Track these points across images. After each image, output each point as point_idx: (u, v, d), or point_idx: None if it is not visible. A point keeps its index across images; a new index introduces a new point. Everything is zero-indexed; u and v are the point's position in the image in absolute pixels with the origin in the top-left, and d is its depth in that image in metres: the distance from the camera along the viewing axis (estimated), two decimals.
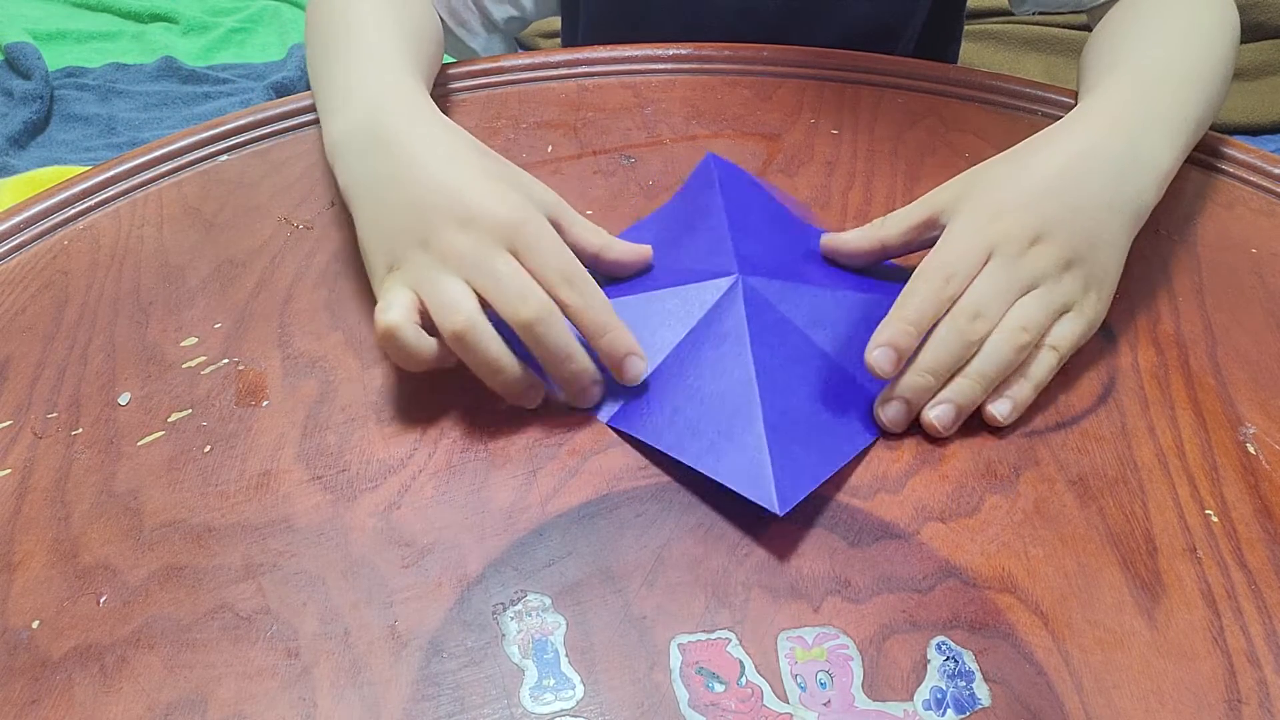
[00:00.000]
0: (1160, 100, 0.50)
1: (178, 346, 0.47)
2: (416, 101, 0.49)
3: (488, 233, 0.42)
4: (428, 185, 0.44)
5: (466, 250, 0.42)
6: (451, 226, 0.42)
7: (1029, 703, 0.34)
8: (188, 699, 0.34)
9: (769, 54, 0.67)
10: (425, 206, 0.43)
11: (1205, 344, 0.48)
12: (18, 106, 1.61)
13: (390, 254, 0.44)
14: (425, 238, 0.43)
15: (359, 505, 0.40)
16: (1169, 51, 0.55)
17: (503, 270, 0.42)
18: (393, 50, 0.53)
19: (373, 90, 0.49)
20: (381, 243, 0.45)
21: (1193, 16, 0.57)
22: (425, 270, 0.42)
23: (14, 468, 0.42)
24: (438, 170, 0.44)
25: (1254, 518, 0.40)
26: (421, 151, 0.45)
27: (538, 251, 0.43)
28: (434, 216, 0.43)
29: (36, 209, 0.54)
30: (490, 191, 0.44)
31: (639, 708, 0.34)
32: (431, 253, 0.43)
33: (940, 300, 0.43)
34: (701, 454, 0.40)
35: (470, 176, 0.44)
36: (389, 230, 0.44)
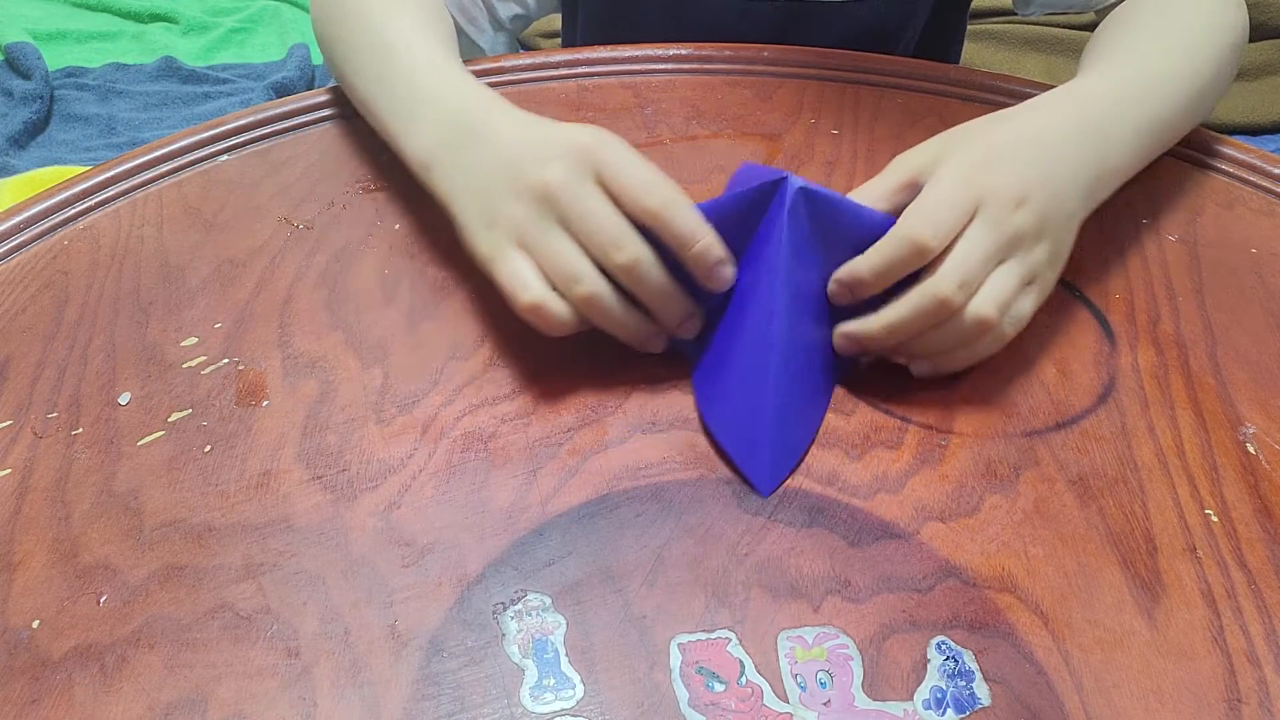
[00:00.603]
0: (1132, 97, 0.51)
1: (178, 346, 0.47)
2: (493, 96, 0.50)
3: (572, 159, 0.43)
4: (513, 143, 0.45)
5: (555, 181, 0.43)
6: (536, 164, 0.44)
7: (1029, 702, 0.34)
8: (188, 699, 0.34)
9: (769, 54, 0.67)
10: (513, 158, 0.45)
11: (1205, 344, 0.48)
12: (18, 106, 1.61)
13: (487, 210, 0.45)
14: (515, 182, 0.44)
15: (359, 505, 0.40)
16: (1157, 50, 0.55)
17: (594, 210, 0.43)
18: (442, 50, 0.54)
19: (451, 98, 0.50)
20: (475, 202, 0.46)
21: (1192, 18, 0.57)
22: (528, 224, 0.43)
23: (14, 467, 0.42)
24: (521, 132, 0.46)
25: (1254, 518, 0.40)
26: (508, 125, 0.47)
27: (617, 167, 0.43)
28: (521, 162, 0.44)
29: (36, 209, 0.54)
30: (567, 128, 0.45)
31: (639, 707, 0.34)
32: (524, 198, 0.44)
33: (922, 255, 0.42)
34: (714, 409, 0.43)
35: (550, 126, 0.46)
36: (482, 190, 0.46)
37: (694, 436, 0.43)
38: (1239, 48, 0.59)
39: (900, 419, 0.44)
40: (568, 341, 0.47)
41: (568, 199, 0.43)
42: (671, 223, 0.42)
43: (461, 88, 0.50)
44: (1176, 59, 0.55)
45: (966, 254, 0.42)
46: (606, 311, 0.43)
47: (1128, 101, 0.51)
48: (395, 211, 0.55)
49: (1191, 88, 0.54)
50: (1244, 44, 0.60)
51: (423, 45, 0.54)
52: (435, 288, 0.50)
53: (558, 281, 0.43)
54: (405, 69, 0.53)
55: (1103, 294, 0.51)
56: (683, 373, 0.46)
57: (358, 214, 0.55)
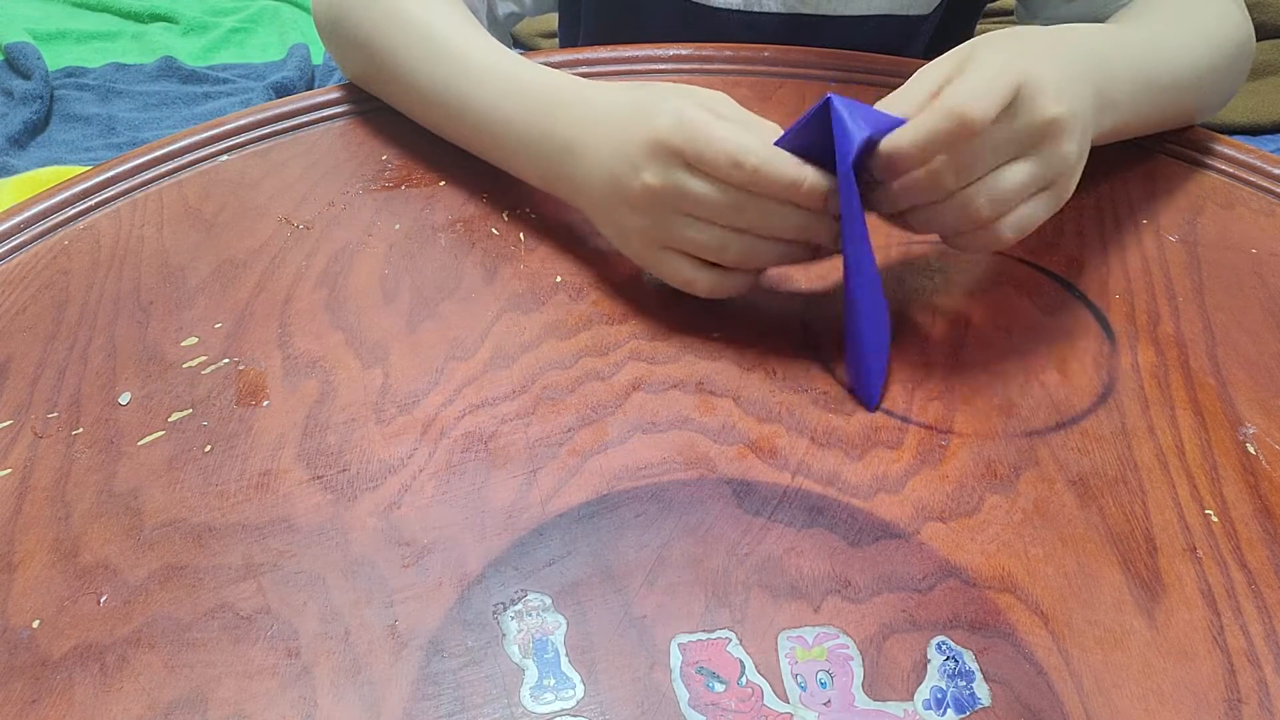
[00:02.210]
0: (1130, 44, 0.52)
1: (178, 346, 0.47)
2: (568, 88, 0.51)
3: (658, 162, 0.45)
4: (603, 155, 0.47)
5: (653, 187, 0.45)
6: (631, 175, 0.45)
7: (1029, 702, 0.34)
8: (188, 698, 0.34)
9: (770, 54, 0.67)
10: (608, 175, 0.47)
11: (1205, 344, 0.48)
12: (18, 106, 1.61)
13: (615, 224, 0.48)
14: (621, 196, 0.46)
15: (359, 505, 0.40)
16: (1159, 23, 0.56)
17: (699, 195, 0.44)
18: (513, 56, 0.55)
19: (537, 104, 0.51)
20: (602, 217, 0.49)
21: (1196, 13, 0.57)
22: (655, 230, 0.46)
23: (14, 467, 0.42)
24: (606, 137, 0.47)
25: (1254, 518, 0.40)
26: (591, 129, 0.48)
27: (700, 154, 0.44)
28: (617, 177, 0.46)
29: (36, 209, 0.54)
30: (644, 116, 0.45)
31: (639, 707, 0.34)
32: (637, 209, 0.46)
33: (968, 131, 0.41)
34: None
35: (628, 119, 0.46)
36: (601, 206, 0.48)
37: (694, 436, 0.43)
38: (1243, 47, 0.59)
39: (900, 419, 0.44)
40: (568, 343, 0.47)
41: (673, 197, 0.45)
42: (768, 184, 0.43)
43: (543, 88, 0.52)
44: (1178, 31, 0.56)
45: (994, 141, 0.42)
46: (763, 256, 0.46)
47: (1126, 47, 0.51)
48: (395, 211, 0.55)
49: (1193, 56, 0.55)
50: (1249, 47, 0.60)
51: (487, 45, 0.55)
52: (435, 288, 0.50)
53: (708, 257, 0.46)
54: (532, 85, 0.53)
55: (1103, 294, 0.51)
56: (683, 373, 0.46)
57: (358, 214, 0.55)
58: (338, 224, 0.54)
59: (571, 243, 0.53)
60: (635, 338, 0.48)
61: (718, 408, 0.44)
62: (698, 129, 0.44)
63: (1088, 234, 0.55)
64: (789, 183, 0.43)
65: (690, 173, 0.44)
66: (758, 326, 0.48)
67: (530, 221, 0.55)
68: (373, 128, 0.61)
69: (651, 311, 0.49)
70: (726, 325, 0.48)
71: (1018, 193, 0.43)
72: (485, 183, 0.57)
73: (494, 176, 0.57)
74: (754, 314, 0.49)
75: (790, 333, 0.48)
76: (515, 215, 0.55)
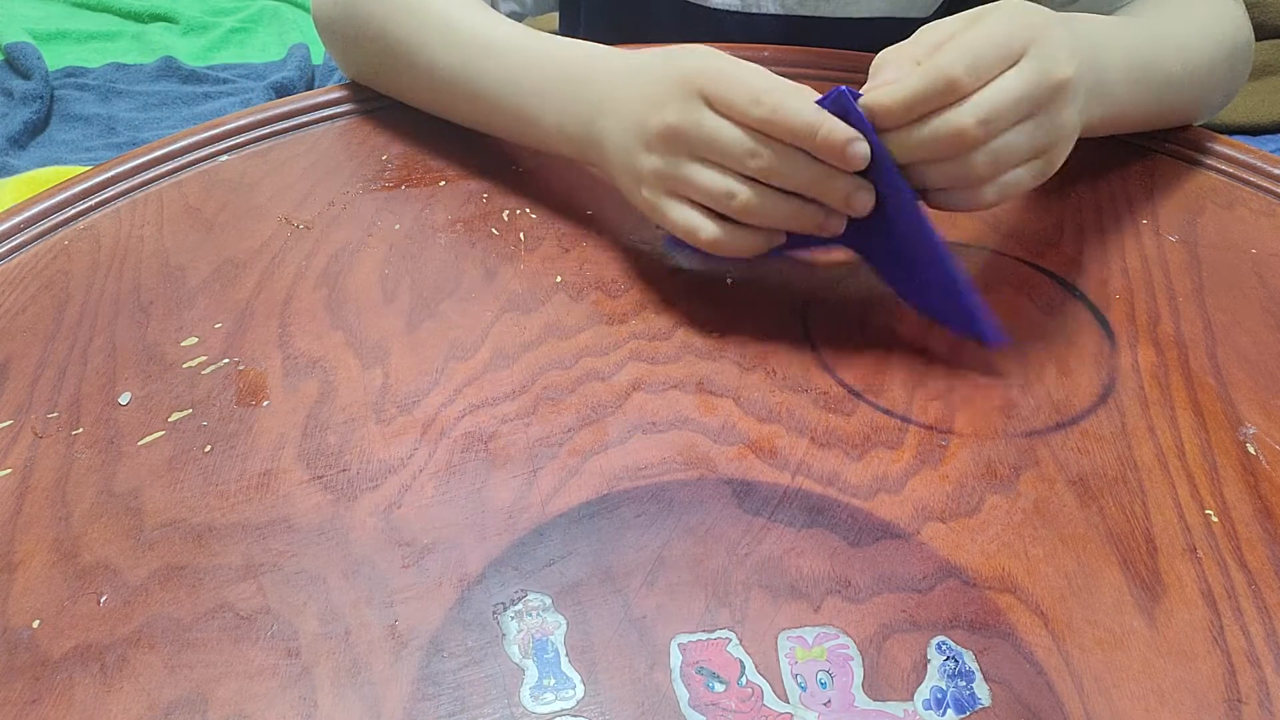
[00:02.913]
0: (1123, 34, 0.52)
1: (178, 346, 0.47)
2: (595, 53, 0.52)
3: (681, 97, 0.45)
4: (629, 99, 0.47)
5: (672, 122, 0.45)
6: (654, 112, 0.46)
7: (1029, 703, 0.34)
8: (188, 698, 0.34)
9: (769, 54, 0.67)
10: (632, 116, 0.47)
11: (1205, 344, 0.48)
12: (18, 106, 1.61)
13: (632, 170, 0.48)
14: (642, 136, 0.46)
15: (359, 505, 0.40)
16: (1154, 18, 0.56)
17: (716, 134, 0.44)
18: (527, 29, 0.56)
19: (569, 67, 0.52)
20: (621, 165, 0.48)
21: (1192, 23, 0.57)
22: (667, 171, 0.46)
23: (14, 467, 0.42)
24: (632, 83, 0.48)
25: (1254, 518, 0.40)
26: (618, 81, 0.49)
27: (723, 89, 0.44)
28: (641, 117, 0.46)
29: (36, 209, 0.54)
30: (669, 60, 0.47)
31: (639, 707, 0.34)
32: (655, 148, 0.46)
33: (952, 91, 0.42)
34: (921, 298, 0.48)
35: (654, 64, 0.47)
36: (622, 152, 0.48)
37: (694, 436, 0.43)
38: (1243, 48, 0.59)
39: (900, 419, 0.44)
40: (568, 343, 0.47)
41: (690, 134, 0.44)
42: (785, 123, 0.43)
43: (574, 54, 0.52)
44: (1177, 27, 0.56)
45: (1004, 93, 0.42)
46: (771, 211, 0.44)
47: (1124, 38, 0.51)
48: (395, 211, 0.55)
49: (1192, 52, 0.55)
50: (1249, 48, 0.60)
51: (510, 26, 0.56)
52: (435, 288, 0.50)
53: (715, 206, 0.45)
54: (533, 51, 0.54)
55: (1103, 294, 0.51)
56: (683, 373, 0.46)
57: (358, 214, 0.55)
58: (338, 224, 0.54)
59: (571, 243, 0.53)
60: (635, 338, 0.48)
61: (718, 408, 0.44)
62: (723, 67, 0.44)
63: (1088, 234, 0.55)
64: (805, 125, 0.42)
65: (710, 112, 0.44)
66: (758, 326, 0.48)
67: (530, 221, 0.55)
68: (373, 127, 0.61)
69: (652, 311, 0.49)
70: (726, 325, 0.48)
71: (1016, 155, 0.43)
72: (485, 183, 0.57)
73: (494, 176, 0.57)
74: (754, 314, 0.49)
75: (790, 333, 0.48)
76: (515, 215, 0.55)
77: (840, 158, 0.43)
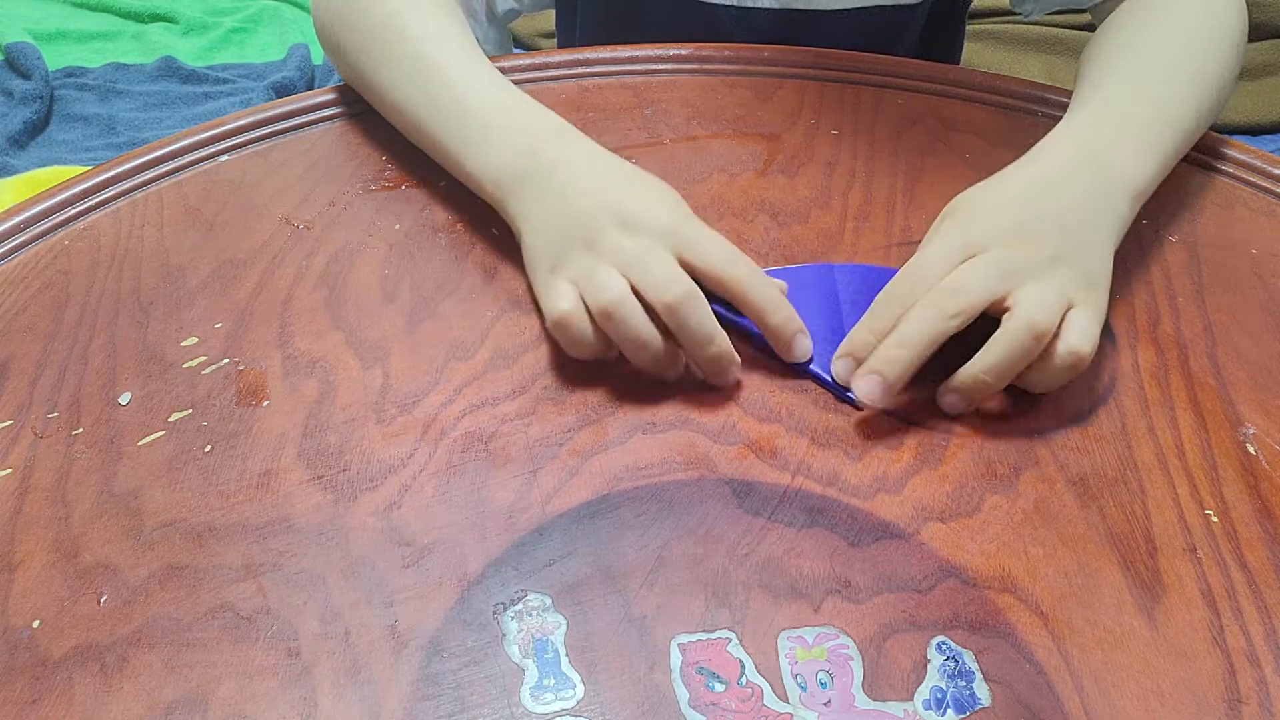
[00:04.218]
0: (1137, 117, 0.51)
1: (178, 346, 0.47)
2: (564, 126, 0.52)
3: (649, 234, 0.45)
4: (598, 195, 0.47)
5: (626, 248, 0.45)
6: (616, 230, 0.45)
7: (1029, 703, 0.34)
8: (188, 698, 0.34)
9: (769, 54, 0.67)
10: (591, 214, 0.46)
11: (1205, 344, 0.48)
12: (18, 106, 1.61)
13: (555, 257, 0.47)
14: (591, 241, 0.45)
15: (359, 505, 0.40)
16: (1161, 61, 0.55)
17: (655, 263, 0.44)
18: (490, 72, 0.55)
19: (521, 121, 0.52)
20: (548, 249, 0.47)
21: (1193, 21, 0.57)
22: (584, 265, 0.45)
23: (15, 467, 0.42)
24: (606, 182, 0.48)
25: (1254, 518, 0.40)
26: (585, 171, 0.49)
27: (699, 243, 0.45)
28: (601, 221, 0.46)
29: (36, 209, 0.54)
30: (654, 200, 0.47)
31: (639, 707, 0.34)
32: (594, 252, 0.45)
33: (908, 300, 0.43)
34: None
35: (635, 186, 0.48)
36: (558, 239, 0.47)
37: (694, 436, 0.43)
38: (1241, 46, 0.59)
39: (900, 419, 0.44)
40: None
41: (638, 262, 0.44)
42: (753, 292, 0.44)
43: (531, 115, 0.52)
44: (1187, 68, 0.54)
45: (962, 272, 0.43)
46: (627, 321, 0.43)
47: (1132, 128, 0.51)
48: (395, 211, 0.55)
49: (1199, 99, 0.54)
50: (1245, 41, 0.60)
51: (475, 65, 0.55)
52: (435, 288, 0.50)
53: (587, 293, 0.44)
54: (461, 88, 0.53)
55: None
56: (682, 374, 0.46)
57: (358, 214, 0.55)
58: (338, 224, 0.54)
59: None
60: None
61: (718, 408, 0.44)
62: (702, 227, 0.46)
63: None
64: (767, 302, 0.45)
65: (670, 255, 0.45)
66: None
67: None
68: (373, 128, 0.61)
69: None
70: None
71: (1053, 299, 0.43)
72: None
73: None
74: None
75: None
76: None
77: (786, 344, 0.45)
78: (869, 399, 0.43)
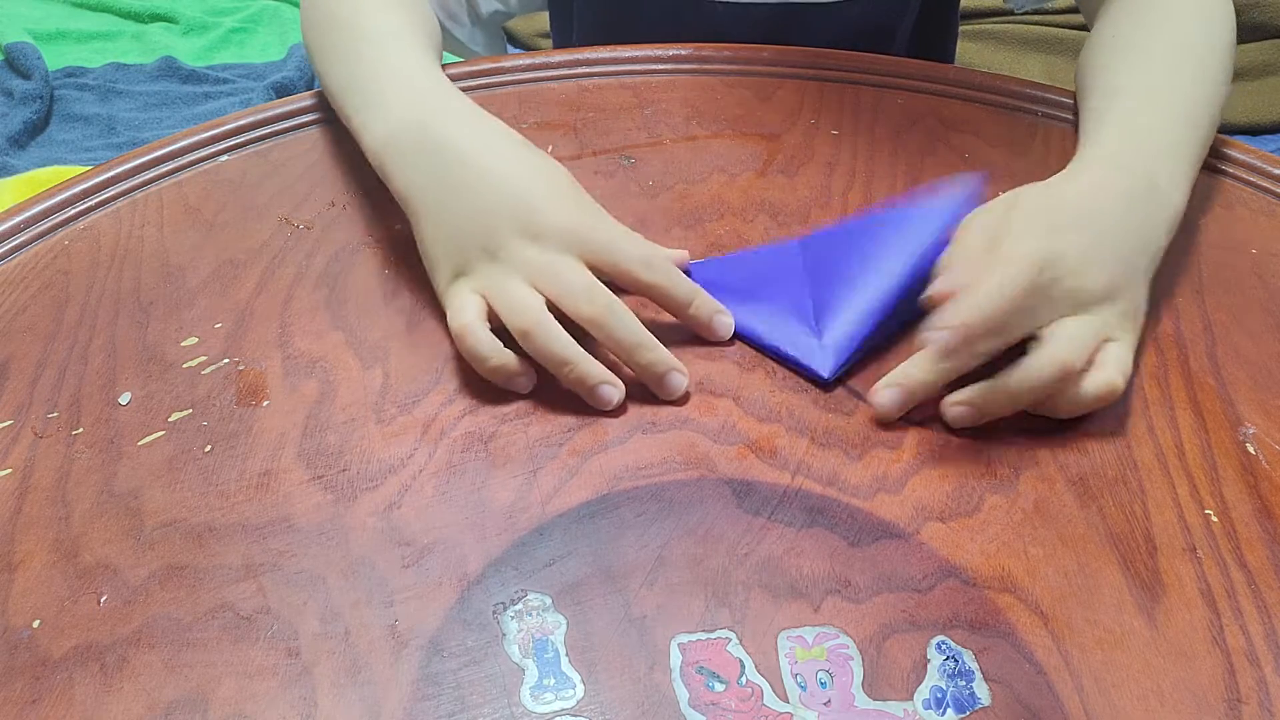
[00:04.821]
0: (1167, 131, 0.51)
1: (178, 346, 0.47)
2: (460, 100, 0.50)
3: (556, 242, 0.44)
4: (494, 194, 0.45)
5: (534, 259, 0.44)
6: (520, 238, 0.44)
7: (1029, 702, 0.34)
8: (188, 698, 0.34)
9: (769, 54, 0.67)
10: (493, 216, 0.45)
11: (1205, 344, 0.48)
12: (18, 106, 1.61)
13: (457, 264, 0.46)
14: (494, 249, 0.44)
15: (359, 505, 0.40)
16: (1170, 67, 0.54)
17: (569, 274, 0.44)
18: (415, 49, 0.54)
19: (414, 90, 0.50)
20: (448, 252, 0.46)
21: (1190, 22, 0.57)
22: (493, 277, 0.44)
23: (15, 467, 0.42)
24: (501, 178, 0.46)
25: (1254, 518, 0.40)
26: (480, 155, 0.47)
27: (609, 248, 0.45)
28: (502, 228, 0.45)
29: (36, 209, 0.54)
30: (556, 202, 0.46)
31: (639, 707, 0.34)
32: (500, 262, 0.44)
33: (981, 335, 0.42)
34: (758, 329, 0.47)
35: (534, 185, 0.46)
36: (456, 240, 0.46)
37: (694, 436, 0.43)
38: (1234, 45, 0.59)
39: (900, 419, 0.44)
40: None
41: (547, 275, 0.44)
42: (671, 289, 0.45)
43: (423, 85, 0.51)
44: (1195, 75, 0.54)
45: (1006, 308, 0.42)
46: (550, 342, 0.42)
47: (1163, 141, 0.50)
48: (395, 212, 0.55)
49: (1213, 98, 0.54)
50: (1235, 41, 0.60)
51: (393, 36, 0.54)
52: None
53: (504, 315, 0.44)
54: (369, 53, 0.53)
55: None
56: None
57: (358, 214, 0.55)
58: (338, 224, 0.54)
59: None
60: None
61: (718, 408, 0.44)
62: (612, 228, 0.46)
63: None
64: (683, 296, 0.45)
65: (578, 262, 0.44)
66: None
67: None
68: None
69: (652, 311, 0.49)
70: None
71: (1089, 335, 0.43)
72: None
73: None
74: None
75: None
76: None
77: (706, 328, 0.45)
78: (888, 412, 0.43)
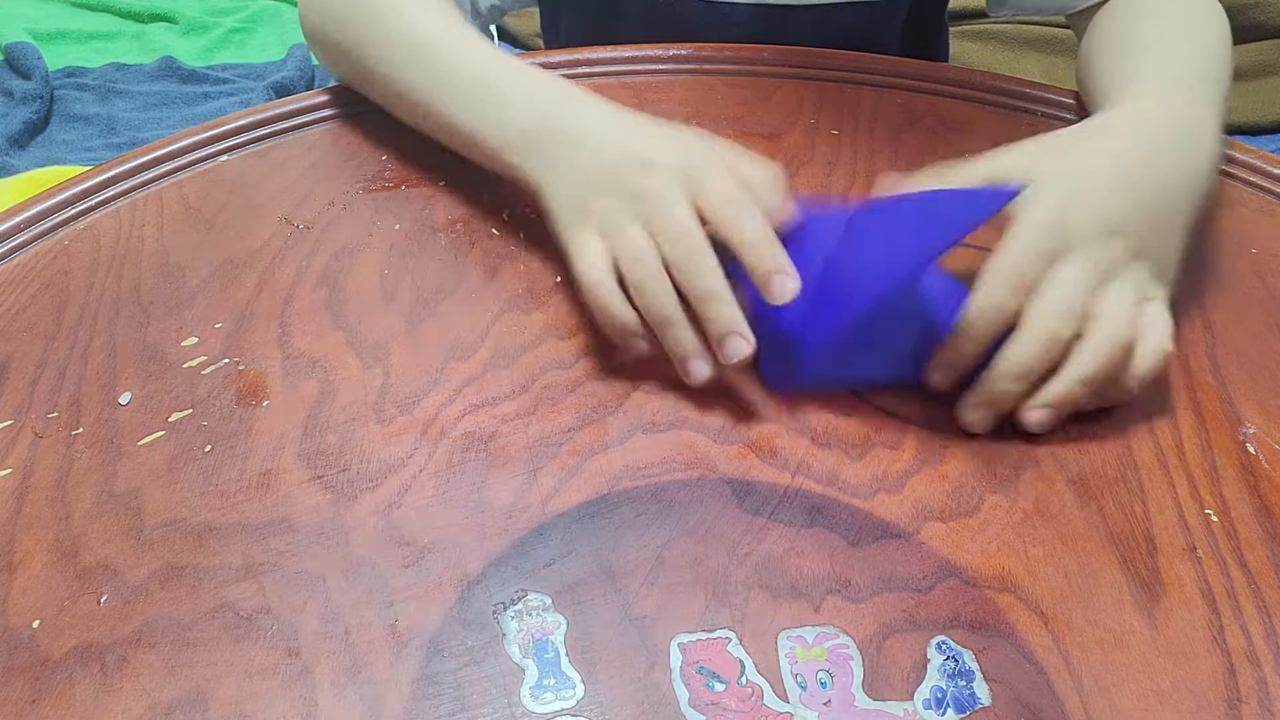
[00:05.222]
0: (1197, 91, 0.51)
1: (178, 346, 0.47)
2: (577, 89, 0.52)
3: (664, 177, 0.45)
4: (615, 147, 0.47)
5: (646, 190, 0.45)
6: (635, 174, 0.46)
7: (1029, 702, 0.34)
8: (188, 698, 0.34)
9: (769, 54, 0.67)
10: (613, 162, 0.47)
11: (1205, 344, 0.48)
12: (18, 106, 1.61)
13: (580, 204, 0.47)
14: (613, 185, 0.46)
15: (359, 505, 0.40)
16: (1186, 51, 0.55)
17: (669, 211, 0.44)
18: (492, 46, 0.55)
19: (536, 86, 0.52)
20: (570, 195, 0.48)
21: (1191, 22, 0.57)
22: (612, 215, 0.46)
23: (15, 467, 0.42)
24: (625, 134, 0.48)
25: (1254, 517, 0.40)
26: (605, 126, 0.49)
27: (704, 185, 0.45)
28: (622, 173, 0.46)
29: (36, 209, 0.54)
30: (674, 144, 0.47)
31: (639, 707, 0.34)
32: (618, 194, 0.46)
33: (1010, 311, 0.42)
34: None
35: (652, 133, 0.48)
36: (580, 186, 0.48)
37: (694, 436, 0.43)
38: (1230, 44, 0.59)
39: (900, 419, 0.44)
40: (568, 343, 0.47)
41: (656, 206, 0.44)
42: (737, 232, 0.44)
43: (543, 80, 0.52)
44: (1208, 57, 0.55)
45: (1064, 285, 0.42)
46: (658, 298, 0.43)
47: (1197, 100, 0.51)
48: (395, 211, 0.55)
49: (1225, 82, 0.55)
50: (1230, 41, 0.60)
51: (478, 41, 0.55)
52: (435, 288, 0.50)
53: (623, 262, 0.44)
54: (472, 63, 0.54)
55: None
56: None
57: (358, 214, 0.55)
58: (338, 224, 0.54)
59: None
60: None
61: (718, 408, 0.44)
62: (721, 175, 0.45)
63: None
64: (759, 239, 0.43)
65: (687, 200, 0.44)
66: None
67: (530, 221, 0.55)
68: (372, 127, 0.61)
69: None
70: None
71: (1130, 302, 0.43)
72: (485, 183, 0.57)
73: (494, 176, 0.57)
74: None
75: None
76: (515, 215, 0.55)
77: (764, 283, 0.43)
78: (981, 429, 0.43)
